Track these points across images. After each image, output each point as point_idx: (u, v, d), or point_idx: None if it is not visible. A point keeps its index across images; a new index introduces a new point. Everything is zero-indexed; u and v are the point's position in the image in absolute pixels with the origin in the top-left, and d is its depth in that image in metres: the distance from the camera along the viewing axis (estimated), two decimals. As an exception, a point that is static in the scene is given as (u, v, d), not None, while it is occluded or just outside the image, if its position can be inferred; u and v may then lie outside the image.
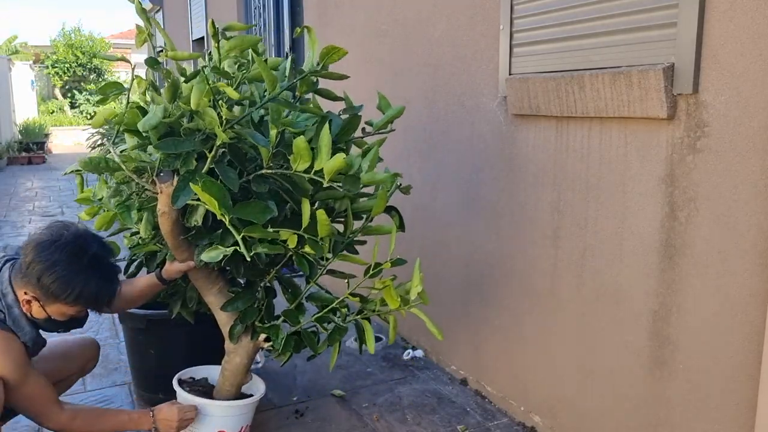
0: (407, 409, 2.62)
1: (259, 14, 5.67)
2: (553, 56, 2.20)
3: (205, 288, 2.08)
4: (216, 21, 1.78)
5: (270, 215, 1.71)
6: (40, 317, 1.82)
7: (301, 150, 1.68)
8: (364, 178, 1.79)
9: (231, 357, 2.13)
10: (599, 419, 2.15)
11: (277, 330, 2.05)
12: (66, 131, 17.67)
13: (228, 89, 1.70)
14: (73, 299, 1.77)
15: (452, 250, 2.89)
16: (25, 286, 1.77)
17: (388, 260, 1.95)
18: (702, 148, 1.74)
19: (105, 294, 1.84)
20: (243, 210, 1.70)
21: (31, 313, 1.80)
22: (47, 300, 1.77)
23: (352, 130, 1.95)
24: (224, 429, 2.11)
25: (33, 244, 1.76)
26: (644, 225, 1.93)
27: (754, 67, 1.59)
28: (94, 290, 1.79)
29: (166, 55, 1.81)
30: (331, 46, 1.73)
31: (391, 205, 2.08)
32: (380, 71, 3.38)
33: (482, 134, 2.62)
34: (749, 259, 1.64)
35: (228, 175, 1.70)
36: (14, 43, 20.52)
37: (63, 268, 1.73)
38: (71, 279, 1.74)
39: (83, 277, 1.76)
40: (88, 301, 1.82)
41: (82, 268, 1.76)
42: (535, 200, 2.36)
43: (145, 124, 1.70)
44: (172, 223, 1.84)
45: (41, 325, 1.87)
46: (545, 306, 2.35)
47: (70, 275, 1.74)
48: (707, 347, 1.77)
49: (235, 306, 2.04)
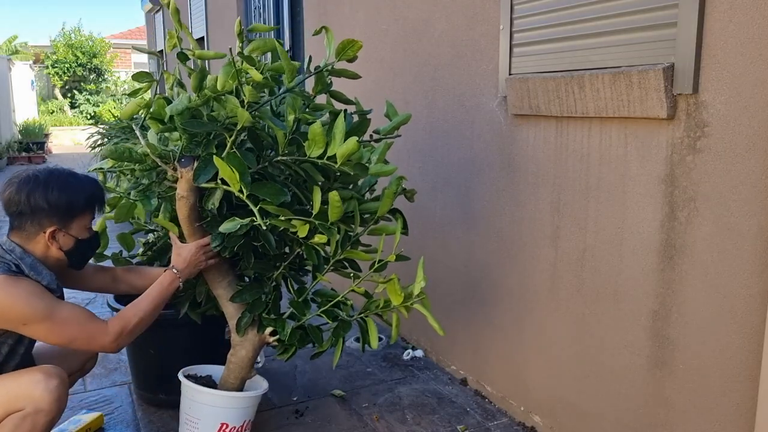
0: (407, 409, 2.62)
1: (259, 14, 5.67)
2: (553, 56, 2.20)
3: (216, 280, 2.11)
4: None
5: (284, 198, 1.81)
6: (69, 246, 1.85)
7: (316, 135, 1.77)
8: (372, 169, 1.91)
9: (237, 350, 2.15)
10: (599, 419, 2.15)
11: (284, 323, 2.10)
12: (66, 131, 17.68)
13: (252, 71, 1.78)
14: (84, 202, 1.83)
15: (452, 250, 2.89)
16: (39, 226, 1.79)
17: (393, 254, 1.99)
18: (702, 148, 1.74)
19: (99, 187, 1.91)
20: (260, 188, 1.80)
21: (60, 248, 1.83)
22: (66, 221, 1.82)
23: (361, 132, 2.00)
24: (227, 421, 2.12)
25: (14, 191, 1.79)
26: (644, 225, 1.93)
27: (754, 67, 1.59)
28: (91, 187, 1.87)
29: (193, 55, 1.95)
30: (347, 39, 1.78)
31: (395, 208, 2.13)
32: (380, 71, 3.38)
33: (482, 134, 2.62)
34: (749, 259, 1.64)
35: (247, 155, 1.81)
36: (14, 43, 20.54)
37: (55, 182, 1.80)
38: (68, 185, 1.81)
39: (74, 180, 1.84)
40: (95, 198, 1.88)
41: (67, 174, 1.84)
42: (535, 200, 2.36)
43: (173, 109, 1.81)
44: (189, 209, 1.92)
45: (74, 262, 1.90)
46: (545, 306, 2.35)
47: (65, 183, 1.81)
48: (707, 347, 1.77)
49: (243, 297, 2.08)
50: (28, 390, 1.72)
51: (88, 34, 20.58)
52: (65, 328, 1.75)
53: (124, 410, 2.59)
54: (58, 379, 1.76)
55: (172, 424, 2.42)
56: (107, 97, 19.87)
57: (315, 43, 4.20)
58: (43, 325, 1.72)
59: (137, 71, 1.97)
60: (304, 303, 2.15)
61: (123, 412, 2.57)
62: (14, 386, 1.74)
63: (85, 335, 1.78)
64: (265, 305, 2.12)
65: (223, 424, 2.11)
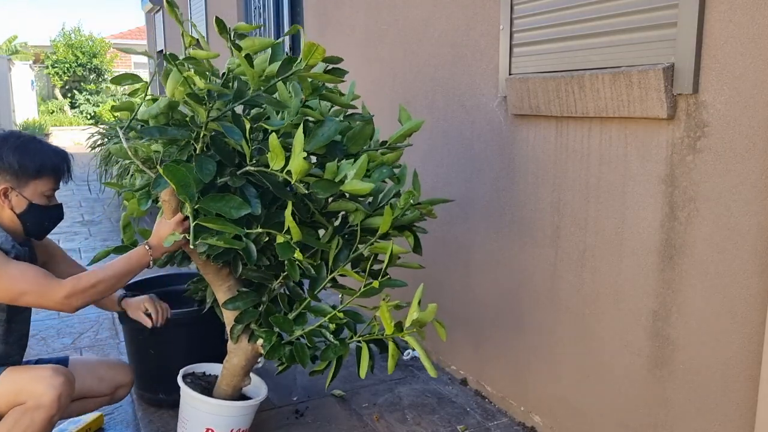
0: (407, 409, 2.62)
1: (259, 14, 5.67)
2: (553, 56, 2.20)
3: (216, 284, 2.09)
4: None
5: (245, 211, 1.70)
6: (22, 209, 1.85)
7: (274, 147, 1.67)
8: (345, 186, 1.74)
9: (230, 357, 2.13)
10: (599, 419, 2.15)
11: (272, 335, 2.01)
12: (66, 131, 17.67)
13: (195, 77, 1.71)
14: (38, 166, 1.84)
15: (452, 250, 2.89)
16: None
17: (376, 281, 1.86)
18: (702, 148, 1.74)
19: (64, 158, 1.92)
20: (212, 201, 1.71)
21: (12, 209, 1.84)
22: (19, 182, 1.83)
23: (362, 139, 1.91)
24: (212, 427, 2.10)
25: None
26: (644, 225, 1.93)
27: (754, 67, 1.59)
28: (50, 154, 1.88)
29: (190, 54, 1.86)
30: (309, 43, 1.67)
31: (407, 225, 1.97)
32: (380, 71, 3.38)
33: (482, 134, 2.62)
34: (749, 259, 1.64)
35: (203, 165, 1.69)
36: (14, 43, 20.55)
37: (14, 141, 1.84)
38: (26, 147, 1.84)
39: (36, 145, 1.86)
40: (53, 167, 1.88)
41: (29, 140, 1.87)
42: (535, 200, 2.36)
43: (145, 113, 1.74)
44: (172, 213, 1.88)
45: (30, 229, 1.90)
46: (545, 306, 2.35)
47: (24, 146, 1.84)
48: (707, 347, 1.77)
49: (236, 305, 2.03)
50: (32, 385, 1.74)
51: (88, 34, 20.60)
52: (14, 281, 1.74)
53: (124, 410, 2.59)
54: (63, 377, 1.77)
55: (172, 424, 2.42)
56: (107, 97, 19.88)
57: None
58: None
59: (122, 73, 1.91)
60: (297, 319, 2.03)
61: (123, 412, 2.57)
62: (22, 379, 1.76)
63: (36, 288, 1.76)
64: (258, 315, 2.05)
65: (208, 429, 2.10)
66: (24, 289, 1.75)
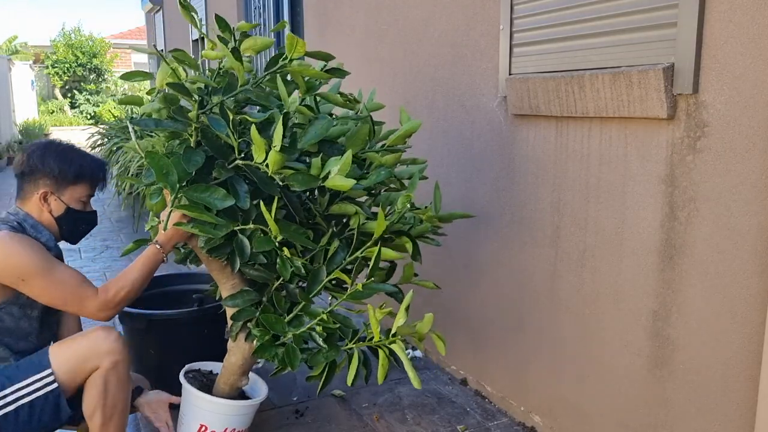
0: (407, 409, 2.62)
1: (259, 14, 5.67)
2: (553, 56, 2.20)
3: (221, 281, 2.08)
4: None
5: (230, 203, 1.70)
6: (60, 212, 1.94)
7: (256, 140, 1.67)
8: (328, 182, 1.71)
9: (229, 355, 2.13)
10: (599, 419, 2.15)
11: (265, 334, 1.99)
12: (66, 131, 17.66)
13: (179, 69, 1.73)
14: (76, 173, 1.93)
15: (452, 250, 2.89)
16: (35, 186, 1.91)
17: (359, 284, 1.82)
18: (702, 148, 1.74)
19: (101, 167, 2.02)
20: (196, 192, 1.71)
21: (51, 212, 1.92)
22: (59, 187, 1.92)
23: (359, 139, 1.91)
24: (205, 423, 2.10)
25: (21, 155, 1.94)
26: (644, 225, 1.93)
27: (754, 67, 1.59)
28: (89, 162, 1.97)
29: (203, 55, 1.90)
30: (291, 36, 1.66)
31: (405, 231, 1.94)
32: (380, 71, 3.38)
33: (482, 134, 2.62)
34: (749, 259, 1.64)
35: (191, 156, 1.70)
36: (14, 43, 20.55)
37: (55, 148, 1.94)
38: (65, 154, 1.93)
39: (76, 154, 1.96)
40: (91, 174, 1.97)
41: (69, 148, 1.98)
42: (535, 200, 2.36)
43: (148, 107, 1.76)
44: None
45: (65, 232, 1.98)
46: (545, 306, 2.35)
47: (65, 153, 1.94)
48: (707, 347, 1.77)
49: (235, 302, 2.02)
50: (95, 348, 1.82)
51: (88, 34, 20.61)
52: (60, 287, 1.80)
53: (124, 410, 2.59)
54: (116, 331, 1.88)
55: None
56: (107, 97, 19.89)
57: (315, 43, 4.20)
58: (40, 281, 1.78)
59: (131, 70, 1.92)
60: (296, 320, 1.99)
61: (123, 412, 2.57)
62: (80, 347, 1.83)
63: (77, 298, 1.82)
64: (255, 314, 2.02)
65: (201, 425, 2.10)
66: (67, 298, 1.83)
